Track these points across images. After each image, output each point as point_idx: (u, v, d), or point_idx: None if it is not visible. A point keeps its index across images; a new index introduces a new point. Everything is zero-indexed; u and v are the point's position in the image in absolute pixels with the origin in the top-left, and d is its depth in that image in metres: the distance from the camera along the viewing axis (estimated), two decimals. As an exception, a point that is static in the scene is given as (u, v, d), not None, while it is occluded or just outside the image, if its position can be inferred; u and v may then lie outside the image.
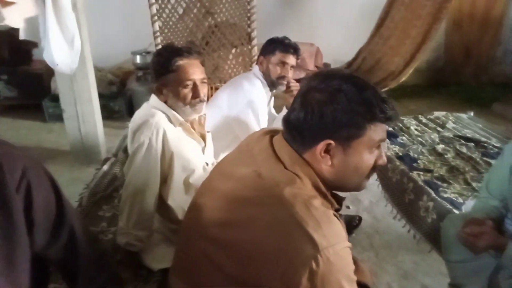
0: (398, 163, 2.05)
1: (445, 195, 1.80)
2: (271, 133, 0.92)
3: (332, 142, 0.80)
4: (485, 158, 2.11)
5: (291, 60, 1.85)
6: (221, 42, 3.34)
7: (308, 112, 0.81)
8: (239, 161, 0.92)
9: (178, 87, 1.34)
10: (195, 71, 1.35)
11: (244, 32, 3.31)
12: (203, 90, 1.38)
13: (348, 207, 2.50)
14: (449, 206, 1.69)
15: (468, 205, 1.71)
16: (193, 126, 1.47)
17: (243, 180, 0.84)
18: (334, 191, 0.91)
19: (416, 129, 2.54)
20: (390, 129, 2.54)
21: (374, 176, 2.31)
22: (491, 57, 4.93)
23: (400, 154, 2.19)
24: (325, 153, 0.81)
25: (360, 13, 4.39)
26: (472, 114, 2.80)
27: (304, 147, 0.83)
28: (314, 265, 0.71)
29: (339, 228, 0.78)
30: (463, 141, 2.33)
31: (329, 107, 0.79)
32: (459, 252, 1.42)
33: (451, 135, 2.42)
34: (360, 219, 2.26)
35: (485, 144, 2.27)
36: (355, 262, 1.10)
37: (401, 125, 2.59)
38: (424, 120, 2.67)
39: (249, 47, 3.26)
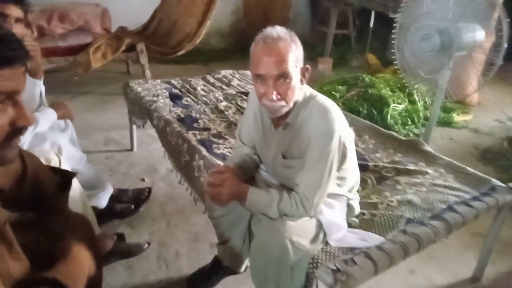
0: (175, 125, 1.95)
1: (218, 152, 1.79)
2: None
3: None
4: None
5: (14, 11, 1.46)
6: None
7: None
8: None
9: None
10: None
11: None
12: None
13: (143, 179, 2.33)
14: (218, 162, 1.67)
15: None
16: None
17: None
18: None
19: (202, 89, 2.49)
20: (176, 91, 2.44)
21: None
22: (285, 18, 5.38)
23: (182, 116, 2.11)
24: None
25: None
26: (257, 70, 2.92)
27: None
28: None
29: None
30: (244, 97, 2.40)
31: None
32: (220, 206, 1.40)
33: (234, 92, 2.46)
34: (149, 190, 2.12)
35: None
36: (69, 250, 0.91)
37: (188, 86, 2.51)
38: (211, 80, 2.65)
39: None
